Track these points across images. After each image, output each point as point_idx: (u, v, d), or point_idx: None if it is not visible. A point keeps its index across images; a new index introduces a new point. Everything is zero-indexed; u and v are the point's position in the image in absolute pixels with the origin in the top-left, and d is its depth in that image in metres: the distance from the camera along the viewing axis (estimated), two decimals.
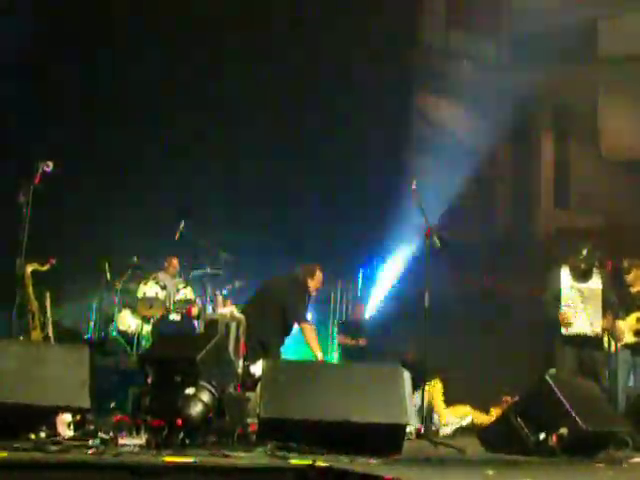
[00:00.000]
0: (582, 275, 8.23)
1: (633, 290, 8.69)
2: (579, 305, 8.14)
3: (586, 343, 8.07)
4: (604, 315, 8.12)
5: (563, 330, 8.09)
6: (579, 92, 15.85)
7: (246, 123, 12.69)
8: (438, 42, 16.52)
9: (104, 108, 11.73)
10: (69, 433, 4.68)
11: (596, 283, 8.22)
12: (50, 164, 6.57)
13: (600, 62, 15.81)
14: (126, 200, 11.49)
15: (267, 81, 12.80)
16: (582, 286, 8.22)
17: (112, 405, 7.16)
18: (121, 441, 4.66)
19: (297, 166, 12.81)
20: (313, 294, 8.61)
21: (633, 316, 8.43)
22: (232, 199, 12.19)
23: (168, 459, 3.97)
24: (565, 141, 16.92)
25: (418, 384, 8.10)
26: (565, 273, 8.28)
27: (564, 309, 8.12)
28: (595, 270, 8.25)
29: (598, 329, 8.10)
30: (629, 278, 8.64)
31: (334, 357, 12.30)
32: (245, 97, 12.64)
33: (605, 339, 8.25)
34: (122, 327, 10.13)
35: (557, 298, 8.23)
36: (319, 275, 8.51)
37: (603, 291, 8.17)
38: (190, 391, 4.92)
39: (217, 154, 12.39)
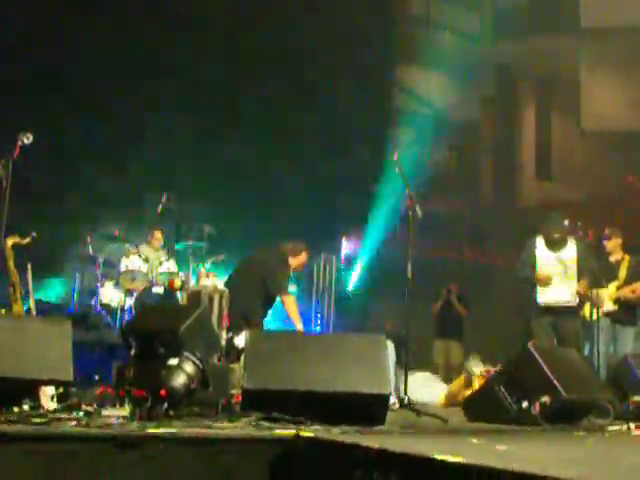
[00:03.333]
0: (556, 244, 8.27)
1: (612, 259, 8.77)
2: (555, 274, 8.19)
3: (562, 312, 8.13)
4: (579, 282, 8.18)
5: (539, 299, 8.15)
6: (561, 64, 15.87)
7: (233, 101, 12.64)
8: (420, 12, 16.45)
9: (85, 77, 11.64)
10: (52, 406, 4.67)
11: (571, 252, 8.25)
12: (30, 136, 6.50)
13: (582, 34, 15.81)
14: (108, 172, 11.43)
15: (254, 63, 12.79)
16: (557, 255, 8.26)
17: (95, 377, 7.15)
18: (105, 413, 4.65)
19: (280, 140, 12.79)
20: (292, 272, 8.60)
21: (613, 285, 8.51)
22: (216, 173, 12.15)
23: (152, 430, 3.97)
24: (547, 113, 16.97)
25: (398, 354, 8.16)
26: (540, 243, 8.33)
27: (540, 270, 8.18)
28: (570, 239, 8.29)
29: (571, 298, 8.15)
30: (608, 246, 8.71)
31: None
32: (232, 73, 12.61)
33: (586, 307, 8.32)
34: (105, 300, 10.10)
35: (531, 267, 8.28)
36: (303, 256, 8.51)
37: (578, 260, 8.21)
38: (173, 362, 4.91)
39: (201, 128, 12.34)
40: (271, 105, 12.85)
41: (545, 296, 8.18)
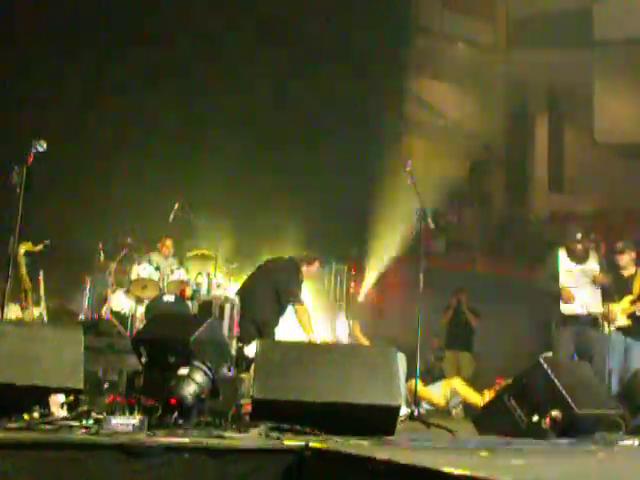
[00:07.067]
0: (579, 257, 8.30)
1: (625, 273, 8.73)
2: (577, 285, 8.22)
3: (582, 324, 8.15)
4: (603, 297, 8.21)
5: (562, 309, 8.17)
6: (574, 76, 15.84)
7: (244, 108, 12.68)
8: (434, 24, 16.46)
9: (96, 88, 11.69)
10: (62, 413, 4.67)
11: (593, 264, 8.29)
12: (44, 144, 6.52)
13: (595, 46, 15.79)
14: (120, 180, 11.47)
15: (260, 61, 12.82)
16: (579, 268, 8.29)
17: (106, 386, 7.16)
18: (114, 421, 4.65)
19: (293, 150, 12.80)
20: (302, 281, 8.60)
21: (626, 299, 8.47)
22: (228, 180, 12.16)
23: (161, 439, 3.97)
24: (560, 124, 16.94)
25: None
26: (563, 255, 8.35)
27: (565, 286, 8.21)
28: (592, 252, 8.33)
29: (594, 310, 8.17)
30: (622, 260, 8.67)
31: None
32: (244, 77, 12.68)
33: (600, 321, 8.31)
34: (116, 308, 10.11)
35: (554, 279, 8.31)
36: (315, 266, 8.53)
37: (600, 272, 8.26)
38: (184, 371, 4.92)
39: (210, 139, 12.36)
40: (291, 117, 12.87)
41: (569, 306, 8.22)
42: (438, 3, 16.59)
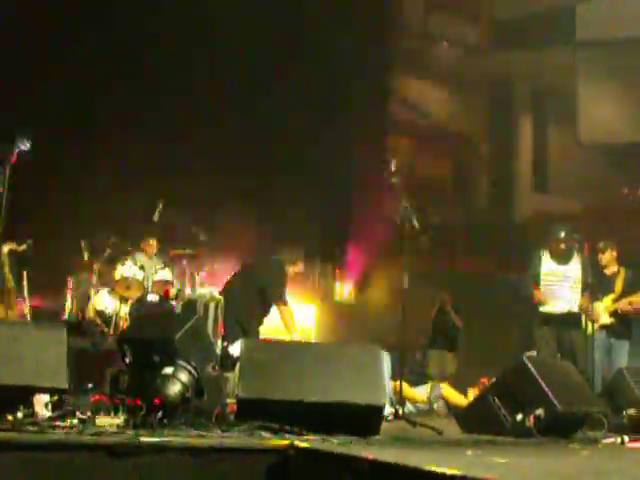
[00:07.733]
0: (562, 257, 8.36)
1: (607, 272, 8.79)
2: (558, 286, 8.27)
3: (565, 323, 8.21)
4: (583, 296, 8.28)
5: (541, 308, 8.23)
6: (558, 76, 15.90)
7: (229, 109, 12.68)
8: (417, 24, 16.48)
9: (85, 85, 11.66)
10: (47, 413, 4.65)
11: (576, 265, 8.36)
12: (27, 143, 6.48)
13: (579, 46, 15.84)
14: (104, 180, 11.42)
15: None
16: (562, 268, 8.35)
17: (90, 385, 7.13)
18: (99, 421, 4.64)
19: (276, 150, 12.80)
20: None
21: (609, 298, 8.53)
22: (214, 180, 12.14)
23: (146, 439, 3.96)
24: (543, 125, 16.99)
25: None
26: (546, 256, 8.40)
27: (542, 288, 8.27)
28: (575, 252, 8.39)
29: (577, 309, 8.24)
30: (603, 259, 8.74)
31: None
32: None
33: (583, 319, 8.36)
34: (99, 307, 10.06)
35: (534, 279, 8.37)
36: (300, 265, 8.53)
37: (583, 272, 8.31)
38: (168, 371, 4.91)
39: (194, 138, 12.33)
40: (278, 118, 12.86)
41: (549, 305, 8.29)
42: (422, 3, 16.61)
